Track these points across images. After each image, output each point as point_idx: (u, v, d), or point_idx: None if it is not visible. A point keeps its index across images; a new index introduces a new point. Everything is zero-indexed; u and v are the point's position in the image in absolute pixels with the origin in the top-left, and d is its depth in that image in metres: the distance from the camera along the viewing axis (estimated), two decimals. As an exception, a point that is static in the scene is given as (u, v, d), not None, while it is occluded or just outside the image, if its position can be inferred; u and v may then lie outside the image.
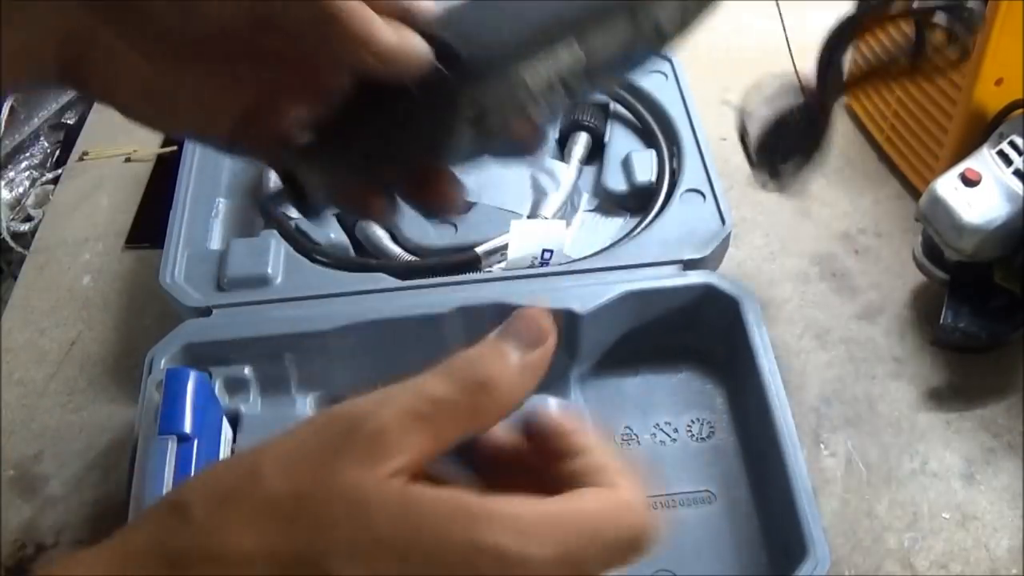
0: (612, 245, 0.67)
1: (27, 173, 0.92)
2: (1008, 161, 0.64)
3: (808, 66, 0.92)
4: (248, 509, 0.26)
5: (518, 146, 0.37)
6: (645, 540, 0.28)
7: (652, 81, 0.78)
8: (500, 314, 0.61)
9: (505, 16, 0.34)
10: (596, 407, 0.61)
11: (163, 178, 0.81)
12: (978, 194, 0.63)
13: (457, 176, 0.37)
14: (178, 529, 0.26)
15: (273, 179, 0.73)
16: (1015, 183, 0.63)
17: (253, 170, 0.78)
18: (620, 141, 0.76)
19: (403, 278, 0.64)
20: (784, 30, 0.62)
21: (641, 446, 0.59)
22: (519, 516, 0.26)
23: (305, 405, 0.62)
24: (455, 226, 0.69)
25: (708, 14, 0.38)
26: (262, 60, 0.34)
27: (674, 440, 0.60)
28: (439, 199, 0.37)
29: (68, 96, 0.96)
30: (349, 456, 0.26)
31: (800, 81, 0.57)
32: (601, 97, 0.78)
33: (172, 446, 0.52)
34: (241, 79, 0.35)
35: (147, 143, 0.89)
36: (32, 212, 0.89)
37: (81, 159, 0.89)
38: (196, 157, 0.74)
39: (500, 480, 0.29)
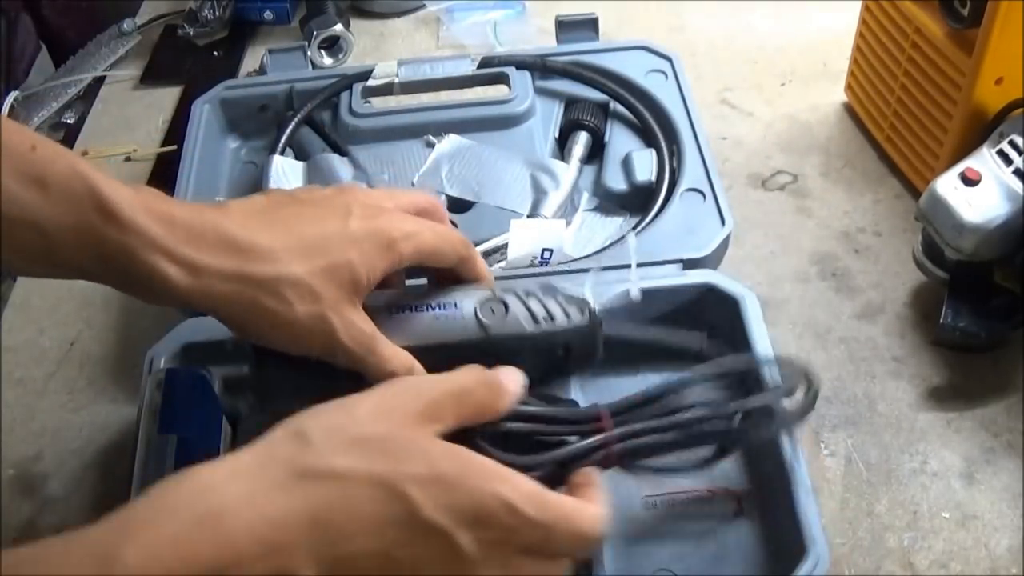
0: (612, 244, 0.67)
1: (27, 172, 0.92)
2: (1008, 160, 0.64)
3: (805, 66, 0.92)
4: (350, 440, 0.39)
5: None
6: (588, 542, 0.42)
7: (652, 80, 0.78)
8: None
9: None
10: (596, 406, 0.61)
11: (163, 177, 0.81)
12: (978, 193, 0.63)
13: None
14: (302, 450, 0.38)
15: (272, 180, 0.73)
16: (1015, 182, 0.63)
17: (253, 171, 0.79)
18: (620, 140, 0.76)
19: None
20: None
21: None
22: (527, 486, 0.40)
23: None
24: (455, 225, 0.69)
25: None
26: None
27: (674, 439, 0.59)
28: None
29: (68, 96, 0.96)
30: (413, 413, 0.41)
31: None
32: (601, 96, 0.78)
33: (172, 445, 0.52)
34: None
35: (147, 142, 0.89)
36: (32, 211, 0.89)
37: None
38: (196, 156, 0.74)
39: None
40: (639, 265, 0.63)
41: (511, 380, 0.45)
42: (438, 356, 0.50)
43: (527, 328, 0.51)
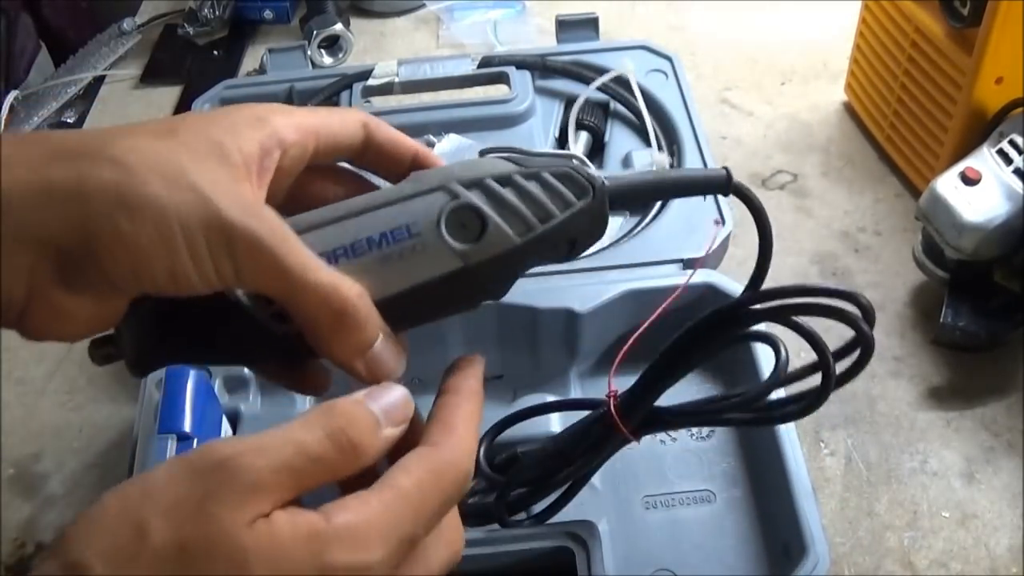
0: (612, 244, 0.67)
1: (27, 172, 0.92)
2: (1008, 160, 0.64)
3: (805, 66, 0.93)
4: (143, 566, 0.28)
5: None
6: (466, 483, 0.34)
7: (652, 80, 0.78)
8: (500, 314, 0.61)
9: None
10: (596, 406, 0.61)
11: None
12: (978, 193, 0.63)
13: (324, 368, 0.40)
14: None
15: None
16: (1015, 182, 0.63)
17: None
18: (620, 140, 0.76)
19: (403, 277, 0.64)
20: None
21: (641, 446, 0.59)
22: (355, 527, 0.30)
23: (304, 403, 0.62)
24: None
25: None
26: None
27: (674, 440, 0.59)
28: (300, 386, 0.42)
29: (68, 95, 0.96)
30: (226, 504, 0.29)
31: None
32: (601, 96, 0.78)
33: (172, 445, 0.52)
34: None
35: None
36: (32, 211, 0.89)
37: (81, 158, 0.89)
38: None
39: None
40: (640, 265, 0.63)
41: (388, 415, 0.34)
42: (406, 304, 0.37)
43: (517, 240, 0.37)
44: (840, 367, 0.42)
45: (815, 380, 0.43)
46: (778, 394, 0.46)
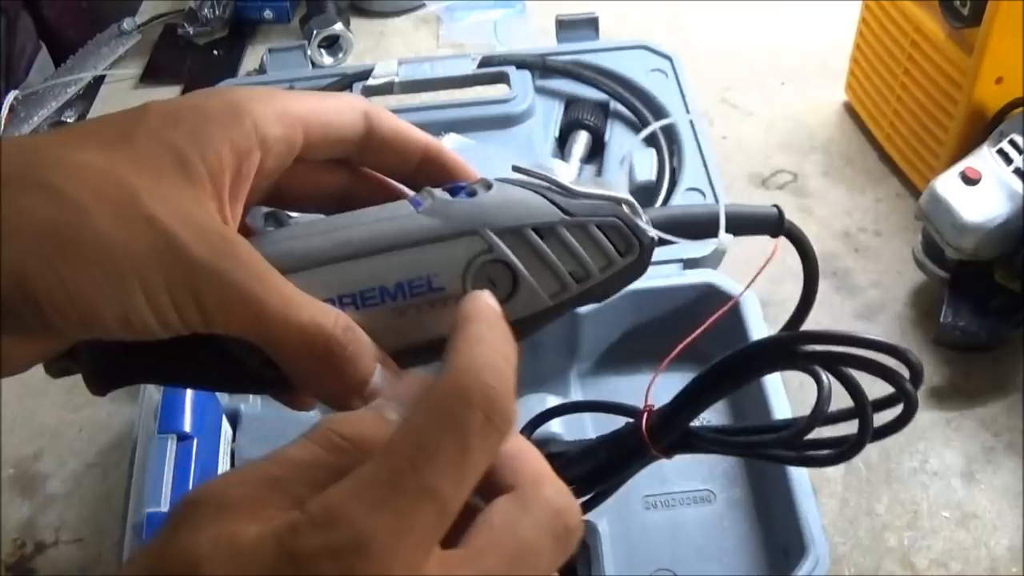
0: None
1: (27, 172, 0.92)
2: (1008, 160, 0.64)
3: (805, 66, 0.92)
4: None
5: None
6: (494, 402, 0.25)
7: (652, 79, 0.78)
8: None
9: None
10: (596, 406, 0.61)
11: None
12: (978, 193, 0.63)
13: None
14: None
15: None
16: (1015, 182, 0.63)
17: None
18: (620, 140, 0.76)
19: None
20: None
21: (641, 445, 0.59)
22: (330, 503, 0.24)
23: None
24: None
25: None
26: None
27: (674, 439, 0.59)
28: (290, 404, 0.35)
29: (68, 95, 0.96)
30: (184, 529, 0.25)
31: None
32: (601, 96, 0.78)
33: (172, 445, 0.52)
34: None
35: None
36: (32, 211, 0.89)
37: (81, 158, 0.89)
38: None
39: None
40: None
41: (402, 400, 0.28)
42: (413, 353, 0.33)
43: (548, 302, 0.33)
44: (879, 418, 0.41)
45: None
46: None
